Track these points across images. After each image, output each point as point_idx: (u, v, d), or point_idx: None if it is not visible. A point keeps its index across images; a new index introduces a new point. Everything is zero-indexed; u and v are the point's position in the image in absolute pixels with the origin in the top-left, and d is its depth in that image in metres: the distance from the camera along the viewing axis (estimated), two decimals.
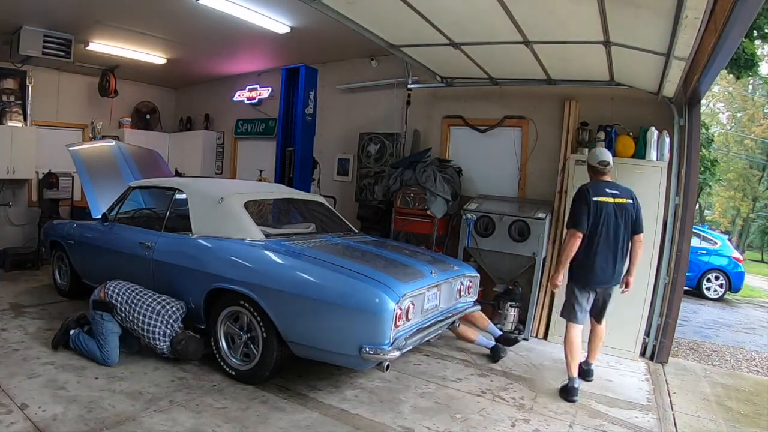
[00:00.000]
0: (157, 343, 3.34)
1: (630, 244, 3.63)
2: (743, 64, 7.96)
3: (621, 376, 4.03)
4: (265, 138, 7.90)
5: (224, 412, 2.87)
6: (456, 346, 4.39)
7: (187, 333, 3.41)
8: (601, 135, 4.75)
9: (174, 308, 3.42)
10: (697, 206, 16.93)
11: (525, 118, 5.44)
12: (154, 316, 3.34)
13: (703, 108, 4.93)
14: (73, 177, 7.18)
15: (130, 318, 3.36)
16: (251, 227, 3.59)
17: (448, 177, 5.38)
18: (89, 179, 5.05)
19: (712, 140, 15.92)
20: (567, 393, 3.47)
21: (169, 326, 3.36)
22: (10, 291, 5.05)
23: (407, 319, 3.00)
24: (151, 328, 3.32)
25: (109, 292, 3.45)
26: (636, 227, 3.61)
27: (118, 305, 3.40)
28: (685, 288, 6.04)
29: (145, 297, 3.43)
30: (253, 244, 3.47)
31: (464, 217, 5.18)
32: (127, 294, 3.43)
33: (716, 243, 10.44)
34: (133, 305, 3.37)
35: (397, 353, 2.84)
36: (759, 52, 9.54)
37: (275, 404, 3.04)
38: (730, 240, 12.14)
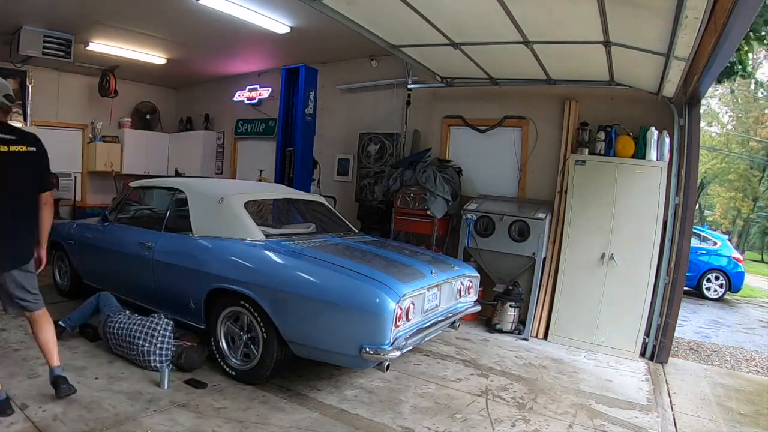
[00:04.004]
0: (158, 364, 3.33)
1: (37, 207, 2.78)
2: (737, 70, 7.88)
3: (621, 376, 4.03)
4: (265, 138, 7.90)
5: (224, 412, 2.87)
6: (456, 345, 4.39)
7: (184, 345, 3.42)
8: (601, 135, 4.76)
9: (162, 325, 3.41)
10: (697, 206, 16.83)
11: (525, 118, 5.45)
12: (149, 339, 3.34)
13: (703, 108, 4.93)
14: (74, 177, 7.18)
15: (130, 350, 3.38)
16: (251, 227, 3.58)
17: (448, 177, 5.39)
18: None
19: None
20: None
21: (164, 345, 3.36)
22: None
23: (407, 319, 3.00)
24: (149, 356, 3.33)
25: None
26: (43, 184, 2.79)
27: (113, 339, 3.49)
28: (685, 288, 6.04)
29: (133, 326, 3.43)
30: (253, 244, 3.46)
31: (464, 217, 5.18)
32: (118, 330, 3.46)
33: (716, 243, 10.44)
34: (126, 338, 3.40)
35: (397, 353, 2.84)
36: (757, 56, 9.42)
37: (275, 404, 3.04)
38: (730, 240, 12.13)
